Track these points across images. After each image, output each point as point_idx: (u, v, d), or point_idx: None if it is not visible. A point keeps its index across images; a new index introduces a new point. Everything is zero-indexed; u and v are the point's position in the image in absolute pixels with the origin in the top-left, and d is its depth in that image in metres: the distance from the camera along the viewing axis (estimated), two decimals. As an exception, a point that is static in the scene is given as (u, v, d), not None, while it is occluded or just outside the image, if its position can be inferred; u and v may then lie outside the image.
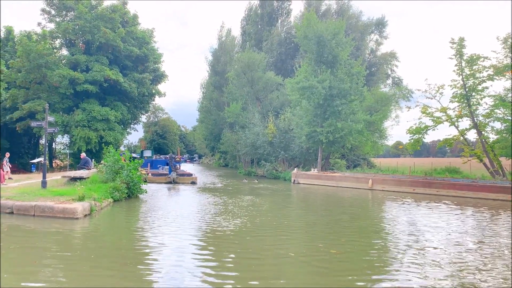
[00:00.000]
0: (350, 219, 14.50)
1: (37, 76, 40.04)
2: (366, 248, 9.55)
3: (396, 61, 59.46)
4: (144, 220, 13.36)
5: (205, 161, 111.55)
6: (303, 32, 34.72)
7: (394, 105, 41.46)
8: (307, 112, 34.71)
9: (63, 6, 43.00)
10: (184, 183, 30.32)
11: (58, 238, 10.12)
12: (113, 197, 17.37)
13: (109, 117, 41.38)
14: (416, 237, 10.86)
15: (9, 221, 12.21)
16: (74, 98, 42.38)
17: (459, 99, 27.41)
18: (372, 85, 47.99)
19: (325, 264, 8.23)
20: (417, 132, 29.82)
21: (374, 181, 27.38)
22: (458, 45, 27.09)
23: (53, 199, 14.15)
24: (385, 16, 61.80)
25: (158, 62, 50.81)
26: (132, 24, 46.95)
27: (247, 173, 47.11)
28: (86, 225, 12.12)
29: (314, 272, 7.77)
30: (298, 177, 33.37)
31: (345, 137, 33.21)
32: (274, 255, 8.91)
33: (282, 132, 42.03)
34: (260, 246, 9.67)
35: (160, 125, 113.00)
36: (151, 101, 55.50)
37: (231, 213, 14.88)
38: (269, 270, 7.74)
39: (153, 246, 9.51)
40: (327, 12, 58.22)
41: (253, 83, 49.71)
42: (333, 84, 33.09)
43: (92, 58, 42.44)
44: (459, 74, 27.37)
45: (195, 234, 11.07)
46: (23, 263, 7.92)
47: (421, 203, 19.31)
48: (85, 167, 23.23)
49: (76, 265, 7.79)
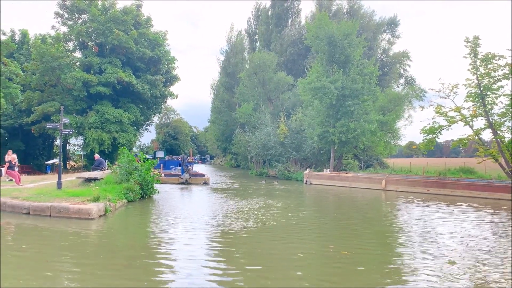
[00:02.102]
0: (362, 220, 14.39)
1: (51, 78, 40.61)
2: (377, 250, 9.48)
3: (408, 61, 58.91)
4: (157, 221, 13.43)
5: (217, 162, 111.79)
6: (314, 32, 34.57)
7: (407, 105, 41.04)
8: (319, 113, 34.55)
9: (76, 9, 43.53)
10: (197, 183, 30.44)
11: (73, 239, 10.21)
12: (127, 198, 17.50)
13: (122, 118, 41.76)
14: (430, 238, 10.73)
15: (25, 222, 12.38)
16: (87, 100, 42.85)
17: (474, 99, 27.00)
18: (385, 85, 47.63)
19: (334, 265, 8.18)
20: (430, 132, 29.42)
21: (388, 182, 27.16)
22: (472, 43, 26.70)
23: (68, 199, 14.31)
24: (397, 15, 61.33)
25: (171, 64, 51.17)
26: (145, 26, 47.33)
27: (259, 173, 47.08)
28: (100, 226, 12.22)
29: (322, 272, 7.73)
30: (311, 177, 33.25)
31: (357, 137, 32.99)
32: (283, 255, 8.89)
33: (293, 133, 41.89)
34: (270, 246, 9.64)
35: (172, 126, 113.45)
36: (163, 102, 55.89)
37: (242, 213, 14.88)
38: (277, 271, 7.72)
39: (166, 246, 9.55)
40: (338, 12, 57.93)
41: (264, 83, 49.67)
42: (346, 84, 32.89)
43: (105, 60, 42.88)
44: (473, 73, 26.96)
45: (207, 234, 11.09)
46: (34, 262, 7.99)
47: (435, 203, 19.10)
48: (99, 168, 23.45)
49: (89, 265, 7.84)
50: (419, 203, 19.26)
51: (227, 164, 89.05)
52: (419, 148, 31.59)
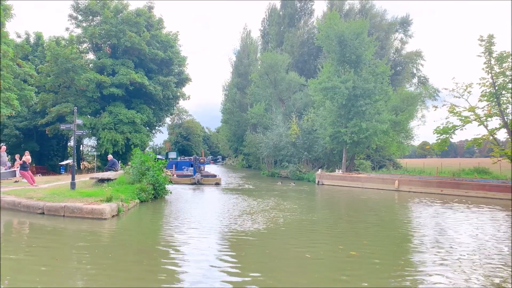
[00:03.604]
0: (374, 221, 14.28)
1: (65, 80, 41.14)
2: (388, 251, 9.38)
3: (421, 60, 58.38)
4: (169, 221, 13.50)
5: (229, 163, 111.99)
6: (325, 32, 34.45)
7: (420, 104, 40.61)
8: (331, 113, 34.41)
9: (90, 11, 44.03)
10: (209, 184, 30.53)
11: (85, 238, 10.32)
12: (139, 198, 17.63)
13: (135, 119, 42.14)
14: (443, 240, 10.62)
15: (39, 222, 12.55)
16: (101, 101, 43.32)
17: (489, 98, 26.65)
18: (397, 85, 47.24)
19: (341, 266, 8.14)
20: (444, 132, 29.10)
21: (401, 182, 26.92)
22: (487, 42, 26.37)
23: (81, 200, 14.47)
24: (410, 14, 60.90)
25: (182, 65, 51.48)
26: (157, 28, 47.67)
27: (271, 174, 47.04)
28: (113, 226, 12.33)
29: (328, 273, 7.69)
30: (323, 178, 33.11)
31: (370, 137, 32.77)
32: (291, 256, 8.88)
33: (305, 133, 41.77)
34: (279, 247, 9.62)
35: (184, 127, 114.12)
36: (175, 103, 56.21)
37: (253, 214, 14.87)
38: (284, 271, 7.71)
39: (177, 247, 9.58)
40: (350, 11, 57.61)
41: (276, 84, 49.60)
42: (357, 84, 32.71)
43: (118, 62, 43.31)
44: (488, 72, 26.62)
45: (218, 235, 11.11)
46: (43, 261, 8.06)
47: (449, 204, 18.88)
48: (112, 168, 23.69)
49: (100, 264, 7.92)
50: (433, 204, 19.04)
51: (238, 164, 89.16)
52: (433, 148, 31.26)
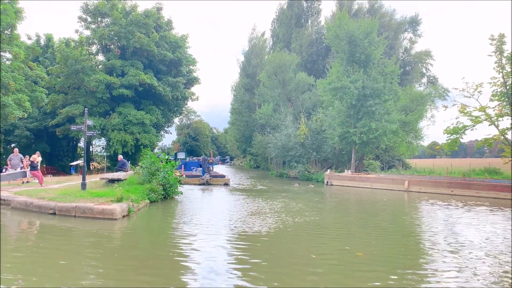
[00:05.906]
0: (384, 222, 14.22)
1: (75, 81, 41.50)
2: (395, 252, 9.31)
3: (431, 60, 58.03)
4: (179, 221, 13.54)
5: (237, 163, 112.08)
6: (334, 32, 34.36)
7: (429, 104, 40.28)
8: (340, 113, 34.28)
9: (99, 12, 44.36)
10: (217, 184, 30.59)
11: (95, 238, 10.40)
12: (149, 198, 17.71)
13: (144, 120, 42.36)
14: (454, 242, 10.53)
15: (50, 222, 12.66)
16: (110, 102, 43.61)
17: (500, 97, 26.41)
18: (407, 84, 46.91)
19: (347, 267, 8.10)
20: (454, 132, 28.87)
21: (411, 183, 26.76)
22: (498, 41, 26.14)
23: (92, 200, 14.59)
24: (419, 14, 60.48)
25: (192, 66, 51.69)
26: (166, 29, 47.89)
27: (279, 174, 47.03)
28: (124, 226, 12.41)
29: (333, 273, 7.67)
30: (331, 178, 33.01)
31: (379, 137, 32.60)
32: (297, 256, 8.86)
33: (314, 133, 41.64)
34: (286, 248, 9.61)
35: (192, 128, 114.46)
36: (184, 104, 56.39)
37: (262, 214, 14.87)
38: (287, 272, 7.68)
39: (187, 247, 9.61)
40: (359, 11, 57.37)
41: (284, 84, 49.52)
42: (366, 84, 32.57)
43: (127, 63, 43.58)
44: (499, 72, 26.38)
45: (227, 235, 11.12)
46: (51, 261, 8.13)
47: (460, 205, 18.73)
48: (122, 169, 23.81)
49: (109, 264, 7.98)
50: (443, 205, 18.91)
51: (247, 165, 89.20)
52: (443, 148, 31.05)
